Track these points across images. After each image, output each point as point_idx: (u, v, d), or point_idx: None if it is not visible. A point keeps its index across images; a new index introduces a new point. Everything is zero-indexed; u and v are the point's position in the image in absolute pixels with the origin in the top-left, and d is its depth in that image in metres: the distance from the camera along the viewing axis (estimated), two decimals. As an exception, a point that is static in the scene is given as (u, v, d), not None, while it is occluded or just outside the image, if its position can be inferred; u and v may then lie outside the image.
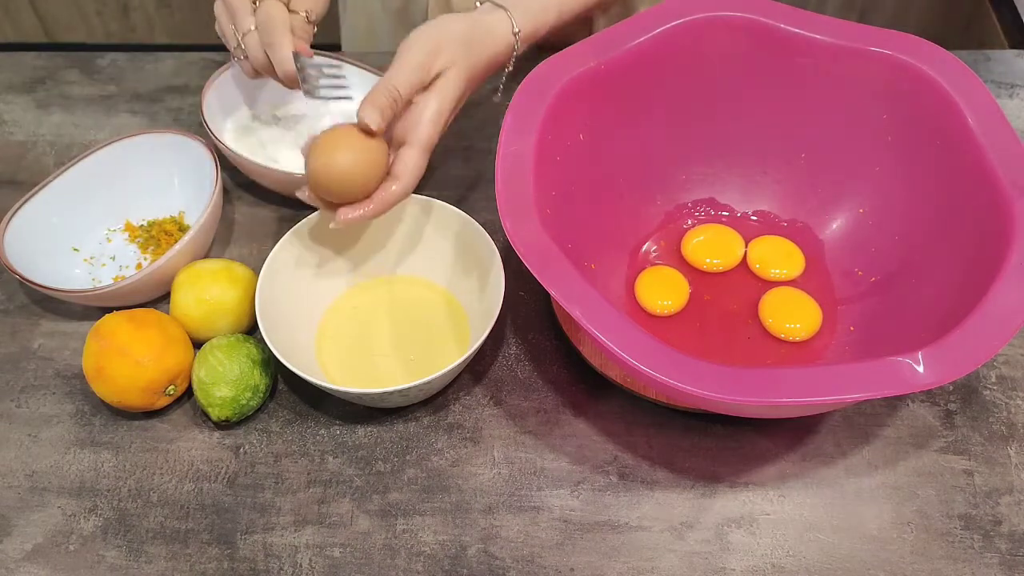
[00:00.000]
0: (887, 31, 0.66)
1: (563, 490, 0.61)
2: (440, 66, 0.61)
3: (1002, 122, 0.61)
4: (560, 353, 0.68)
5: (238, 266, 0.68)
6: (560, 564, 0.58)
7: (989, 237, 0.57)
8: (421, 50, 0.61)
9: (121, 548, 0.59)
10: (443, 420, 0.65)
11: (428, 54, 0.61)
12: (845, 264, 0.70)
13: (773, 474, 0.62)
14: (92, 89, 0.89)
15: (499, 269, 0.63)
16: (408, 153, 0.60)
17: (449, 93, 0.61)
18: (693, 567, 0.58)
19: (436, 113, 0.61)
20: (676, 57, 0.68)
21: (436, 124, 0.61)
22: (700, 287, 0.71)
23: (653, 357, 0.51)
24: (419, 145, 0.60)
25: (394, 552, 0.59)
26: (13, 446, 0.64)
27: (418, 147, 0.60)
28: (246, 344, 0.64)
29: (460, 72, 0.62)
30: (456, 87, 0.62)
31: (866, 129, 0.68)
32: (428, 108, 0.61)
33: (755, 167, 0.74)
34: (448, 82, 0.62)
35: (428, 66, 0.61)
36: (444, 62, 0.61)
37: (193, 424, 0.65)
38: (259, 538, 0.60)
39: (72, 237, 0.74)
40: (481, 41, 0.64)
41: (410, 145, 0.60)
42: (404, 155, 0.60)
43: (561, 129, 0.63)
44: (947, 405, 0.65)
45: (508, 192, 0.58)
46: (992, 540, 0.59)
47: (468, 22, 0.64)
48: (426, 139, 0.61)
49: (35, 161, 0.83)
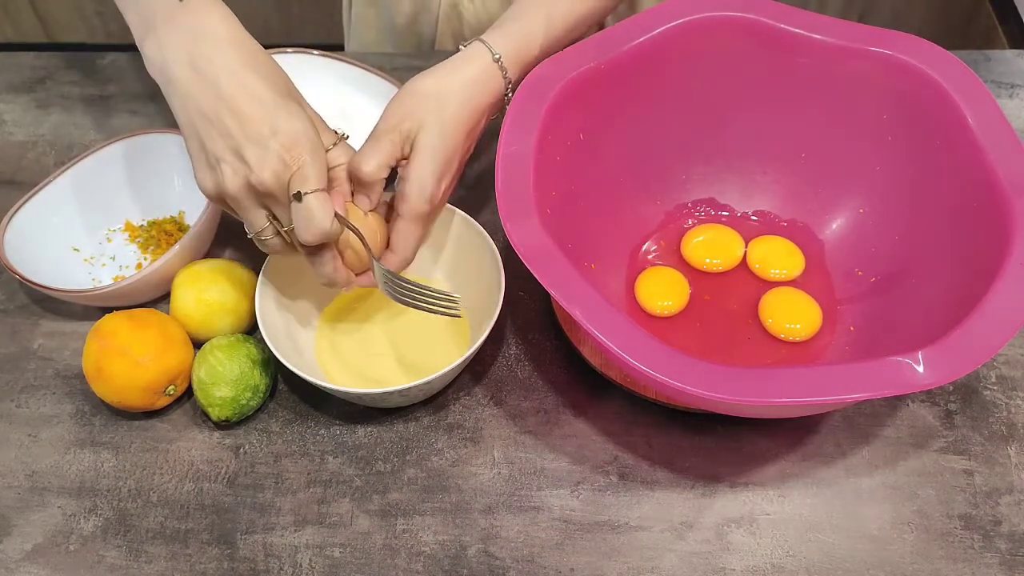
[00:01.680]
0: (887, 31, 0.66)
1: (563, 490, 0.61)
2: (411, 129, 0.60)
3: (1002, 122, 0.61)
4: (560, 353, 0.68)
5: (238, 266, 0.68)
6: (560, 564, 0.58)
7: (989, 237, 0.57)
8: (388, 121, 0.60)
9: (121, 548, 0.59)
10: (443, 420, 0.65)
11: (395, 123, 0.60)
12: (845, 264, 0.70)
13: (773, 474, 0.62)
14: (92, 89, 0.89)
15: (499, 269, 0.63)
16: (398, 226, 0.61)
17: (426, 155, 0.59)
18: (693, 567, 0.58)
19: (418, 181, 0.59)
20: (676, 57, 0.68)
21: (421, 193, 0.59)
22: (700, 287, 0.71)
23: (653, 357, 0.51)
24: (407, 216, 0.60)
25: (394, 552, 0.59)
26: (13, 446, 0.64)
27: (407, 218, 0.60)
28: (246, 344, 0.64)
29: (433, 129, 0.59)
30: (433, 146, 0.59)
31: (866, 129, 0.68)
32: (408, 179, 0.59)
33: (755, 167, 0.74)
34: (423, 144, 0.59)
35: (397, 134, 0.59)
36: (414, 125, 0.59)
37: (193, 424, 0.65)
38: (259, 538, 0.60)
39: (72, 237, 0.74)
40: (449, 89, 0.60)
41: (400, 217, 0.61)
42: (397, 228, 0.61)
43: (561, 129, 0.63)
44: (947, 405, 0.65)
45: (508, 192, 0.58)
46: (992, 540, 0.59)
47: (434, 76, 0.61)
48: (411, 210, 0.60)
49: (35, 161, 0.83)
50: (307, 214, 0.54)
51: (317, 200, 0.54)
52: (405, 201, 0.60)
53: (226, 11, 0.57)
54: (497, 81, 0.63)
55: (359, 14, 0.96)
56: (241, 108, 0.54)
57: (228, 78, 0.54)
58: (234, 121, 0.54)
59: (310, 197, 0.54)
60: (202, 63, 0.55)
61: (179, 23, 0.56)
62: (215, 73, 0.54)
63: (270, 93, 0.55)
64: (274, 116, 0.54)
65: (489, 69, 0.62)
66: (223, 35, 0.56)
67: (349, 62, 0.82)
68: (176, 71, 0.55)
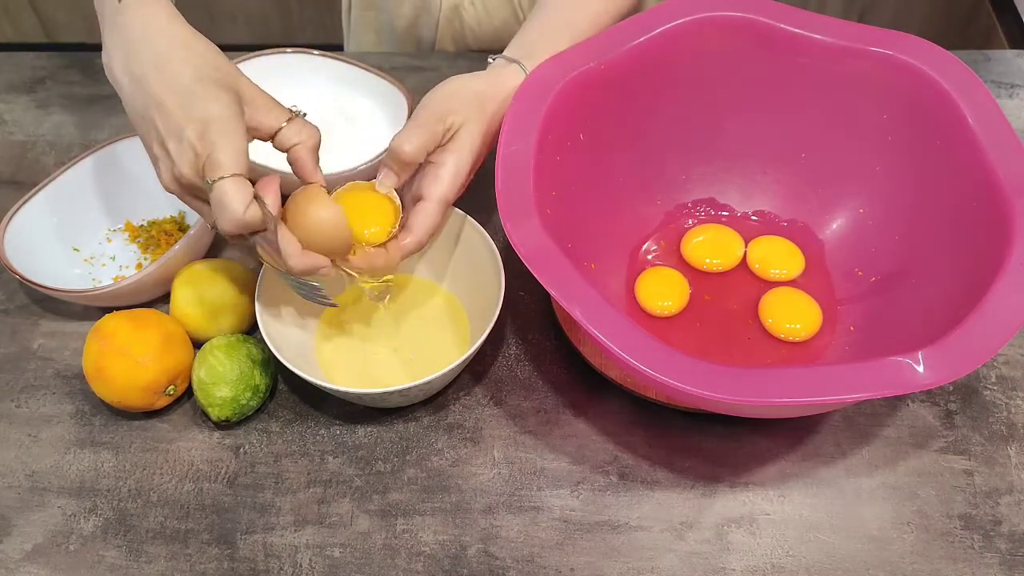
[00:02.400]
0: (887, 31, 0.66)
1: (563, 490, 0.61)
2: (454, 124, 0.61)
3: (1002, 122, 0.61)
4: (560, 353, 0.68)
5: (238, 266, 0.68)
6: (560, 564, 0.58)
7: (989, 237, 0.57)
8: (433, 110, 0.61)
9: (121, 548, 0.59)
10: (443, 420, 0.65)
11: (440, 114, 0.61)
12: (845, 264, 0.70)
13: (773, 474, 0.62)
14: (92, 89, 0.89)
15: (499, 269, 0.63)
16: (425, 207, 0.61)
17: (466, 149, 0.61)
18: (693, 567, 0.58)
19: (455, 169, 0.61)
20: (676, 57, 0.68)
21: (455, 180, 0.61)
22: (700, 287, 0.71)
23: (653, 357, 0.51)
24: (436, 200, 0.61)
25: (394, 552, 0.59)
26: (13, 446, 0.64)
27: (435, 202, 0.61)
28: (246, 344, 0.64)
29: (475, 128, 0.62)
30: (472, 143, 0.62)
31: (866, 129, 0.68)
32: (446, 165, 0.61)
33: (755, 167, 0.74)
34: (464, 139, 0.61)
35: (440, 125, 0.61)
36: (458, 119, 0.61)
37: (193, 424, 0.65)
38: (259, 538, 0.60)
39: (72, 237, 0.74)
40: (495, 97, 0.63)
41: (428, 199, 0.61)
42: (421, 209, 0.61)
43: (561, 129, 0.63)
44: (947, 405, 0.65)
45: (508, 192, 0.58)
46: (992, 540, 0.59)
47: (482, 80, 0.64)
48: (443, 195, 0.61)
49: (35, 161, 0.83)
50: (218, 202, 0.53)
51: (229, 185, 0.52)
52: (439, 184, 0.60)
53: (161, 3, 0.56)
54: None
55: (359, 17, 0.96)
56: (163, 102, 0.54)
57: (153, 74, 0.54)
58: (159, 116, 0.54)
59: (220, 184, 0.52)
60: (133, 63, 0.55)
61: (117, 25, 0.56)
62: (142, 71, 0.54)
63: (188, 80, 0.54)
64: (189, 104, 0.54)
65: (519, 78, 0.65)
66: (154, 29, 0.55)
67: (348, 62, 0.82)
68: (117, 75, 0.56)
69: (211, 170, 0.53)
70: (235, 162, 0.53)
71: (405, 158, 0.60)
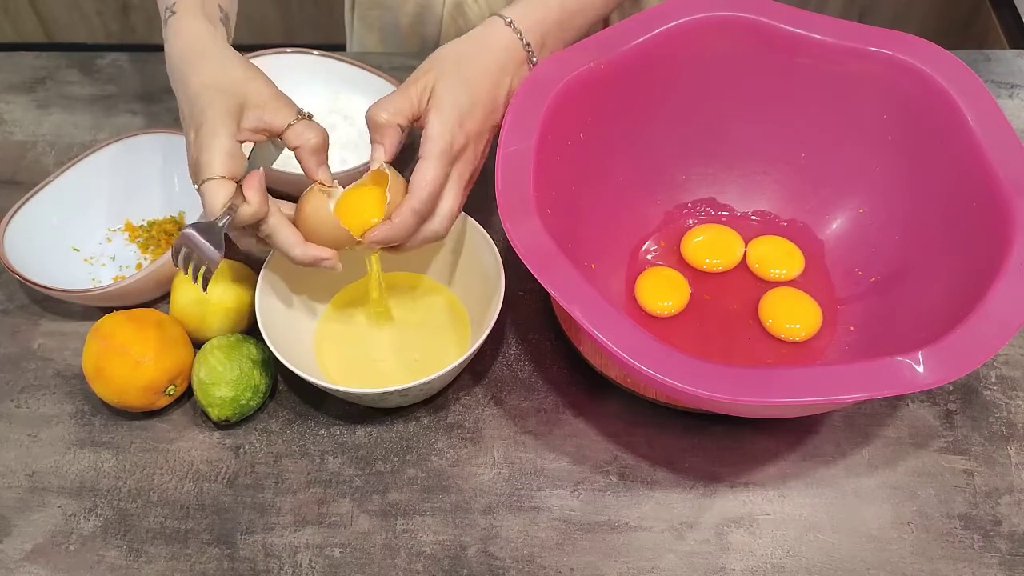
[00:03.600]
0: (887, 31, 0.66)
1: (563, 490, 0.61)
2: (427, 82, 0.61)
3: (1002, 122, 0.61)
4: (560, 353, 0.68)
5: (238, 266, 0.68)
6: (560, 564, 0.58)
7: (989, 237, 0.57)
8: (411, 78, 0.62)
9: (121, 548, 0.59)
10: (443, 420, 0.65)
11: (414, 76, 0.62)
12: (845, 264, 0.70)
13: (773, 474, 0.62)
14: (92, 89, 0.89)
15: (499, 269, 0.63)
16: (419, 166, 0.60)
17: (446, 104, 0.60)
18: (693, 567, 0.58)
19: (439, 126, 0.60)
20: (676, 57, 0.68)
21: (442, 136, 0.60)
22: (700, 287, 0.71)
23: (653, 357, 0.51)
24: (426, 157, 0.60)
25: (394, 552, 0.59)
26: (13, 446, 0.64)
27: (425, 159, 0.60)
28: (246, 344, 0.64)
29: (452, 84, 0.61)
30: (455, 99, 0.60)
31: (866, 129, 0.68)
32: (430, 123, 0.60)
33: (755, 167, 0.74)
34: (442, 95, 0.60)
35: (414, 87, 0.61)
36: (431, 77, 0.61)
37: (193, 424, 0.65)
38: (259, 538, 0.60)
39: (72, 237, 0.74)
40: (474, 51, 0.63)
41: (420, 159, 0.60)
42: (415, 169, 0.60)
43: (561, 129, 0.63)
44: (947, 405, 0.65)
45: (508, 192, 0.58)
46: (992, 540, 0.59)
47: (465, 42, 0.64)
48: (430, 151, 0.59)
49: (35, 161, 0.83)
50: (203, 202, 0.57)
51: (207, 188, 0.57)
52: (427, 142, 0.60)
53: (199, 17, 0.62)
54: (511, 39, 0.64)
55: (362, 15, 0.96)
56: (181, 109, 0.60)
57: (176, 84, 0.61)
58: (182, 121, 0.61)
59: (202, 186, 0.57)
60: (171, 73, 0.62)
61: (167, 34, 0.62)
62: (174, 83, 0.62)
63: (195, 87, 0.59)
64: (191, 111, 0.59)
65: (502, 30, 0.64)
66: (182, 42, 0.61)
67: (348, 62, 0.82)
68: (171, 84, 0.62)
69: (196, 173, 0.58)
70: (218, 165, 0.57)
71: (381, 121, 0.60)
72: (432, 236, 0.61)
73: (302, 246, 0.59)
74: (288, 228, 0.59)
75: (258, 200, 0.57)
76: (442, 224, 0.61)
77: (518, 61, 0.65)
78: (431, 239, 0.61)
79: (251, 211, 0.57)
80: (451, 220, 0.61)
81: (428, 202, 0.59)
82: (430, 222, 0.60)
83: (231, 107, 0.58)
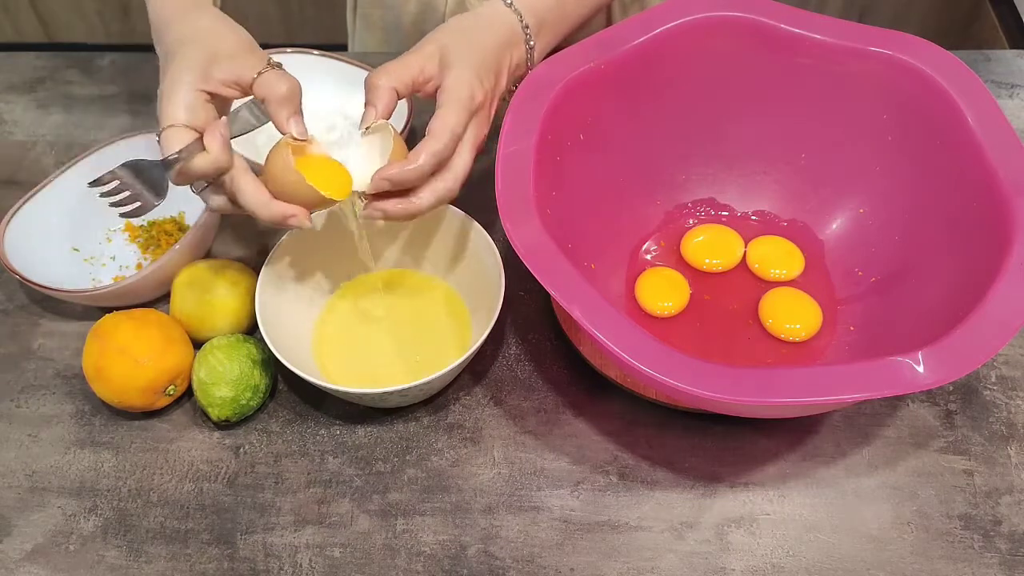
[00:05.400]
0: (887, 31, 0.66)
1: (563, 490, 0.61)
2: (431, 52, 0.60)
3: (1002, 122, 0.61)
4: (560, 353, 0.68)
5: (238, 266, 0.68)
6: (560, 564, 0.58)
7: (989, 237, 0.57)
8: (411, 49, 0.61)
9: (121, 548, 0.59)
10: (443, 420, 0.65)
11: (417, 48, 0.61)
12: (845, 264, 0.70)
13: (773, 474, 0.62)
14: (92, 89, 0.89)
15: (499, 269, 0.63)
16: (439, 113, 0.58)
17: (461, 61, 0.59)
18: (693, 567, 0.58)
19: (457, 78, 0.59)
20: (676, 57, 0.68)
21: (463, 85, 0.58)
22: (700, 287, 0.71)
23: (653, 357, 0.51)
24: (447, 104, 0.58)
25: (394, 552, 0.59)
26: (13, 446, 0.64)
27: (446, 106, 0.58)
28: (246, 344, 0.64)
29: (461, 46, 0.60)
30: (467, 56, 0.60)
31: (866, 129, 0.68)
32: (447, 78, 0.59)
33: (755, 167, 0.74)
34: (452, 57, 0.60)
35: (417, 56, 0.60)
36: (434, 48, 0.60)
37: (193, 424, 0.65)
38: (259, 538, 0.60)
39: (72, 237, 0.74)
40: (477, 24, 0.63)
41: (439, 107, 0.58)
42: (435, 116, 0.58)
43: (561, 129, 0.63)
44: (947, 405, 0.65)
45: (508, 192, 0.58)
46: (992, 540, 0.59)
47: (461, 17, 0.64)
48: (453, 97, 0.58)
49: (35, 161, 0.83)
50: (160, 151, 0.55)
51: (164, 135, 0.55)
52: (444, 92, 0.58)
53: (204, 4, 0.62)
54: (511, 17, 0.64)
55: (364, 15, 0.96)
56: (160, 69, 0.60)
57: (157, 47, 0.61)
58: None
59: (162, 135, 0.55)
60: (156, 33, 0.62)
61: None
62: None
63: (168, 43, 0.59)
64: (163, 65, 0.59)
65: (502, 9, 0.64)
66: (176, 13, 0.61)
67: (349, 62, 0.82)
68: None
69: (159, 123, 0.56)
70: (179, 113, 0.55)
71: (377, 84, 0.59)
72: (444, 194, 0.58)
73: (267, 204, 0.56)
74: (252, 184, 0.56)
75: (217, 148, 0.55)
76: (456, 181, 0.58)
77: (517, 40, 0.64)
78: (443, 197, 0.58)
79: (209, 159, 0.54)
80: (463, 180, 0.59)
81: (450, 146, 0.57)
82: (443, 177, 0.58)
83: (199, 58, 0.56)
